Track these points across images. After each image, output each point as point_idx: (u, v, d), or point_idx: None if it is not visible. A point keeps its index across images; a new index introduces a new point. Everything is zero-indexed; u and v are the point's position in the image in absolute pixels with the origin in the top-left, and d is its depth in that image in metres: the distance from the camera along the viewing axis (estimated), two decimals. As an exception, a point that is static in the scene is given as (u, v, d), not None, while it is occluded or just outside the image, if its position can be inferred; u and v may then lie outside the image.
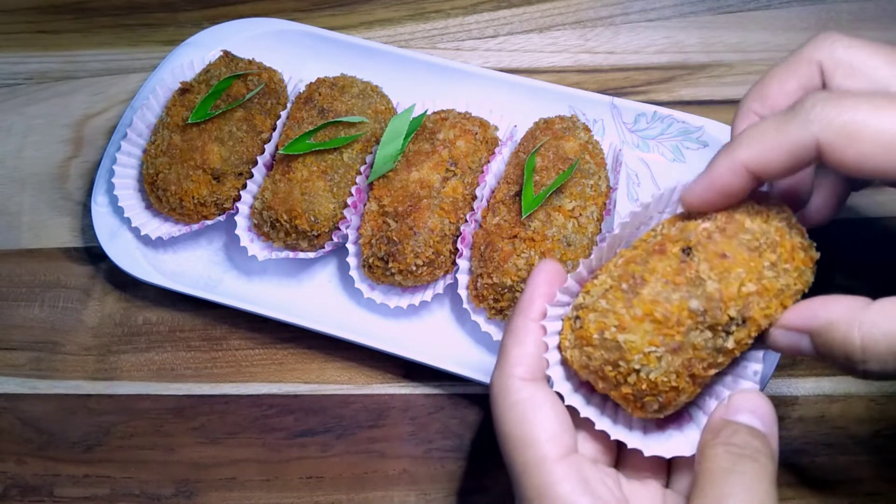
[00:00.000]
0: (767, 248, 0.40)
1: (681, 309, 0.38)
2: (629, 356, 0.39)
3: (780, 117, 0.39)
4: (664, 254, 0.40)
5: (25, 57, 0.74)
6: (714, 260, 0.39)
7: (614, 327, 0.39)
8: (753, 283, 0.39)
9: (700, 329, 0.38)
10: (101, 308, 0.64)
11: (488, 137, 0.60)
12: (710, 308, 0.38)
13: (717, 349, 0.39)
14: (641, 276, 0.40)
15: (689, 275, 0.39)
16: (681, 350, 0.38)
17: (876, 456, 0.53)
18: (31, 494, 0.59)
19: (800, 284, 0.40)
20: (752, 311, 0.39)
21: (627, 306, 0.39)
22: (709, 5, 0.67)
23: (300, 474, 0.57)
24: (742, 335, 0.39)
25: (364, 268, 0.57)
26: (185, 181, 0.59)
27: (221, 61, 0.63)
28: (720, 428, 0.39)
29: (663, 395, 0.39)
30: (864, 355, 0.36)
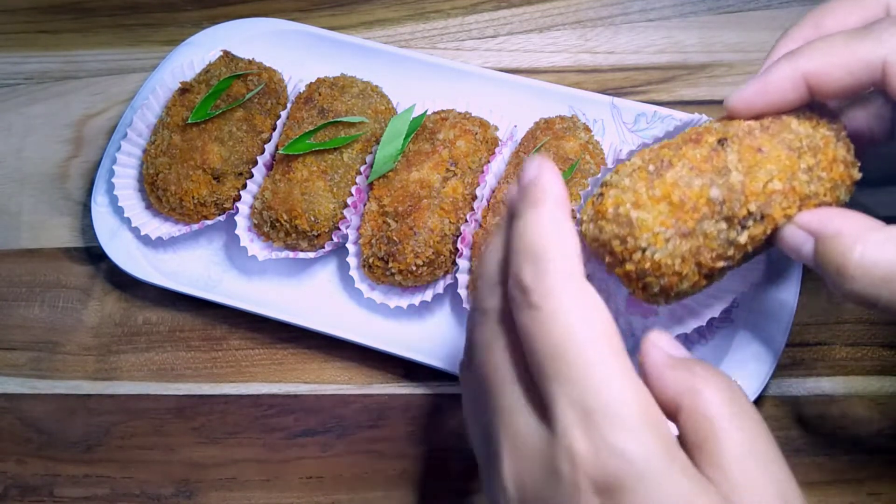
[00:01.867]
0: (808, 150, 0.38)
1: (700, 195, 0.38)
2: (637, 233, 0.38)
3: (850, 33, 0.38)
4: (699, 143, 0.39)
5: (25, 57, 0.74)
6: (746, 153, 0.38)
7: (630, 204, 0.38)
8: (782, 182, 0.38)
9: (715, 219, 0.38)
10: (101, 308, 0.64)
11: (488, 137, 0.60)
12: (730, 199, 0.38)
13: (730, 241, 0.38)
14: (669, 160, 0.39)
15: (716, 163, 0.38)
16: (691, 236, 0.38)
17: (876, 456, 0.53)
18: (31, 494, 0.59)
19: (829, 197, 0.39)
20: (772, 209, 0.38)
21: (648, 186, 0.38)
22: (709, 5, 0.67)
23: (300, 474, 0.57)
24: (757, 231, 0.38)
25: (364, 268, 0.57)
26: (185, 181, 0.59)
27: (221, 61, 0.63)
28: (686, 364, 0.34)
29: (665, 277, 0.38)
30: (855, 272, 0.35)
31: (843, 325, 0.57)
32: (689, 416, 0.33)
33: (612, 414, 0.30)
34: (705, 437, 0.32)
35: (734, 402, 0.33)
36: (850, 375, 0.55)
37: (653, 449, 0.30)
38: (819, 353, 0.56)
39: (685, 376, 0.34)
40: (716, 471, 0.32)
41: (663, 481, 0.30)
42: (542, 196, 0.35)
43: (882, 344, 0.56)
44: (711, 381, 0.33)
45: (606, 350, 0.31)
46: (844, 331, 0.56)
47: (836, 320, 0.57)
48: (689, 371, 0.34)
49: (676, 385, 0.34)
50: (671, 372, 0.34)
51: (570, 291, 0.32)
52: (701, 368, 0.34)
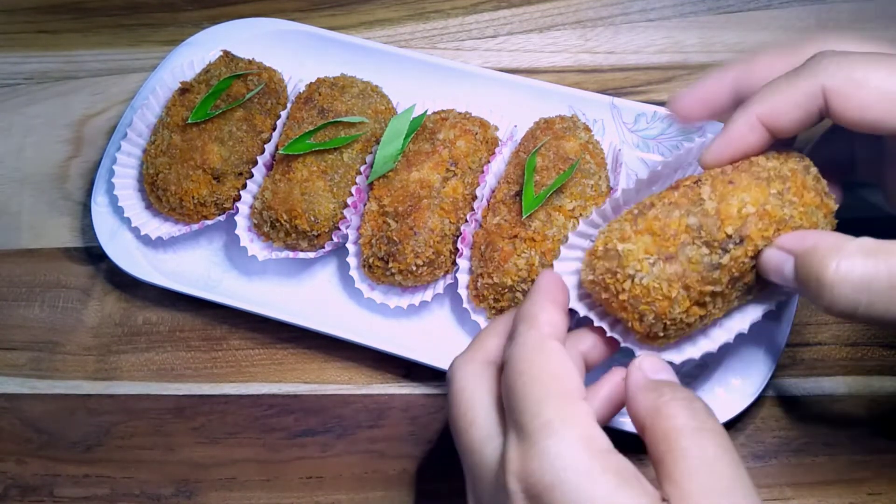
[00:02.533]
0: (776, 179, 0.41)
1: (678, 223, 0.41)
2: (625, 262, 0.41)
3: (790, 73, 0.42)
4: (677, 188, 0.43)
5: (25, 57, 0.74)
6: (719, 185, 0.42)
7: (616, 239, 0.42)
8: (755, 206, 0.41)
9: (696, 244, 0.41)
10: (101, 308, 0.64)
11: (488, 137, 0.60)
12: (707, 224, 0.41)
13: (713, 265, 0.41)
14: (651, 203, 0.43)
15: (691, 197, 0.42)
16: (674, 260, 0.41)
17: (876, 456, 0.53)
18: (31, 494, 0.59)
19: (806, 222, 0.41)
20: (749, 231, 0.40)
21: (633, 224, 0.42)
22: (709, 5, 0.67)
23: (300, 474, 0.57)
24: (738, 253, 0.41)
25: (364, 268, 0.57)
26: (185, 181, 0.59)
27: (221, 61, 0.63)
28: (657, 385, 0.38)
29: (656, 302, 0.41)
30: (832, 283, 0.37)
31: (842, 325, 0.57)
32: (652, 433, 0.36)
33: (544, 426, 0.35)
34: (664, 453, 0.35)
35: (694, 418, 0.35)
36: (850, 375, 0.55)
37: (576, 451, 0.34)
38: (819, 353, 0.56)
39: (652, 397, 0.37)
40: (671, 485, 0.34)
41: (584, 481, 0.33)
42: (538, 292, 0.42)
43: (882, 344, 0.56)
44: (673, 401, 0.36)
45: (550, 379, 0.37)
46: (844, 331, 0.56)
47: (836, 320, 0.57)
48: (656, 392, 0.37)
49: (645, 405, 0.37)
50: (642, 394, 0.38)
51: (531, 346, 0.38)
52: (668, 389, 0.37)
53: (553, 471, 0.34)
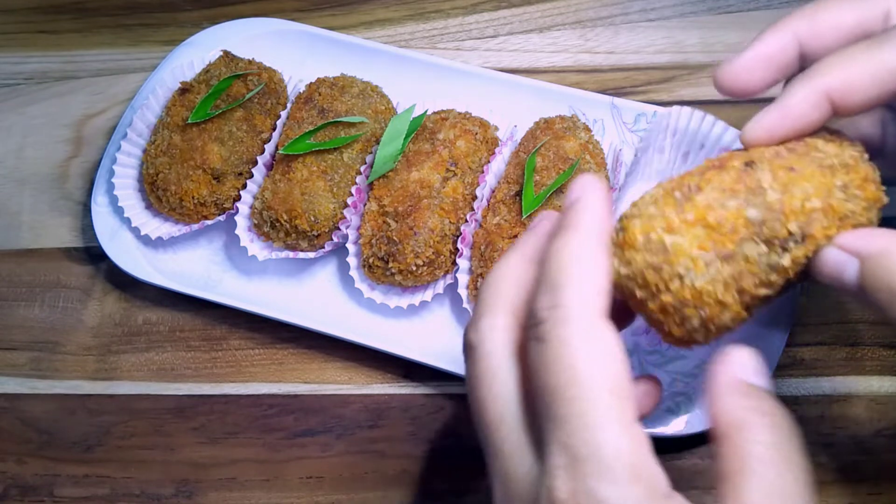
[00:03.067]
0: (840, 168, 0.36)
1: (737, 216, 0.35)
2: (675, 259, 0.34)
3: (868, 42, 0.36)
4: (724, 168, 0.36)
5: (25, 57, 0.74)
6: (779, 172, 0.36)
7: (661, 229, 0.35)
8: (820, 199, 0.35)
9: (755, 241, 0.35)
10: (101, 308, 0.64)
11: (488, 137, 0.60)
12: (769, 219, 0.35)
13: (771, 266, 0.35)
14: (697, 185, 0.36)
15: (749, 183, 0.35)
16: (732, 259, 0.35)
17: (877, 456, 0.53)
18: (31, 494, 0.59)
19: (864, 218, 0.37)
20: (813, 229, 0.35)
21: (679, 211, 0.35)
22: (709, 5, 0.67)
23: (300, 474, 0.57)
24: (799, 254, 0.36)
25: (364, 268, 0.57)
26: (185, 181, 0.59)
27: (221, 61, 0.63)
28: (748, 392, 0.33)
29: (707, 308, 0.35)
30: None
31: (842, 325, 0.57)
32: (727, 447, 0.32)
33: (598, 461, 0.30)
34: (735, 472, 0.31)
35: (778, 447, 0.32)
36: (850, 375, 0.55)
37: (633, 501, 0.29)
38: (819, 354, 0.56)
39: (740, 406, 0.32)
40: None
41: None
42: (578, 221, 0.33)
43: (882, 344, 0.56)
44: (760, 420, 0.32)
45: (607, 395, 0.30)
46: (844, 331, 0.56)
47: (836, 320, 0.57)
48: (746, 400, 0.33)
49: (729, 412, 0.32)
50: (730, 398, 0.33)
51: (581, 327, 0.31)
52: (758, 401, 0.33)
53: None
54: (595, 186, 0.35)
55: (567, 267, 0.33)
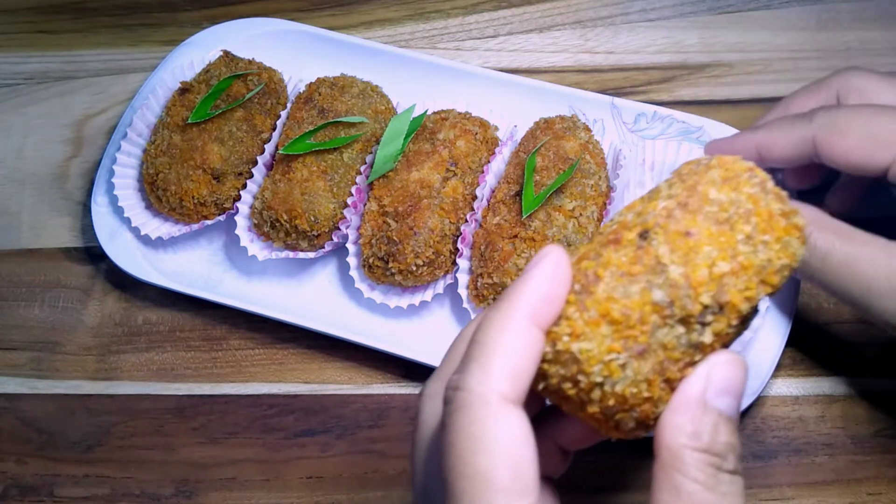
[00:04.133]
0: (739, 218, 0.33)
1: (643, 304, 0.32)
2: (587, 368, 0.32)
3: (795, 116, 0.50)
4: (619, 243, 0.34)
5: (25, 57, 0.74)
6: (676, 240, 0.33)
7: (567, 336, 0.32)
8: (726, 261, 0.32)
9: (669, 325, 0.32)
10: (101, 308, 0.64)
11: (488, 137, 0.60)
12: (678, 298, 0.32)
13: (693, 345, 0.33)
14: (595, 273, 0.33)
15: (647, 262, 0.33)
16: (648, 353, 0.32)
17: (876, 456, 0.53)
18: (31, 494, 0.59)
19: (785, 258, 0.34)
20: (728, 295, 0.32)
21: (581, 309, 0.33)
22: (709, 5, 0.67)
23: (300, 474, 0.57)
24: (721, 326, 0.33)
25: (364, 268, 0.57)
26: (185, 181, 0.59)
27: (221, 61, 0.63)
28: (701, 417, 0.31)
29: (637, 408, 0.32)
30: None
31: (843, 325, 0.56)
32: (661, 466, 0.31)
33: None
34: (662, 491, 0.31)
35: (712, 489, 0.31)
36: (851, 376, 0.55)
37: None
38: (819, 354, 0.56)
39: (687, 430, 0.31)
40: None
41: None
42: (510, 297, 0.32)
43: (882, 344, 0.56)
44: (699, 457, 0.31)
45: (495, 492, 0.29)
46: (844, 331, 0.56)
47: (837, 320, 0.57)
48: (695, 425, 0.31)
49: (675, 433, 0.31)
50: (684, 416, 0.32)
51: (478, 416, 0.30)
52: (711, 429, 0.31)
53: None
54: (547, 261, 0.33)
55: (482, 346, 0.31)
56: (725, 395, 0.32)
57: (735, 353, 0.33)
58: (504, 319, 0.32)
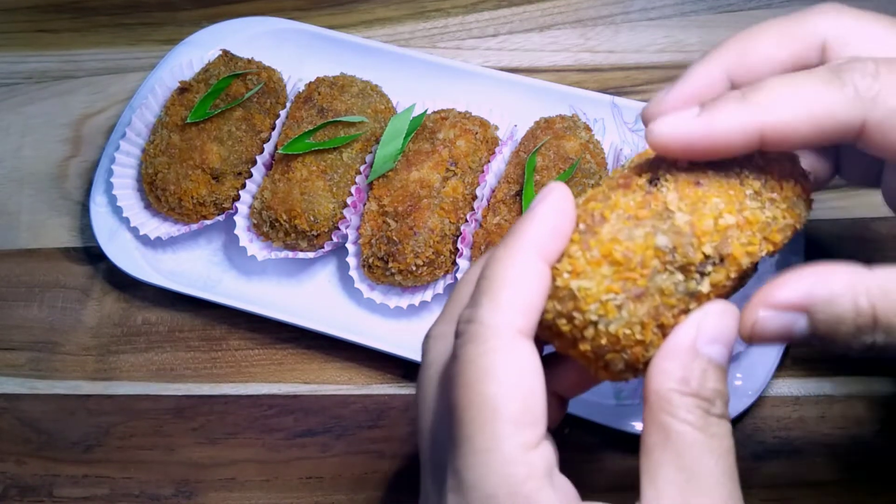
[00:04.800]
0: (750, 174, 0.34)
1: (645, 248, 0.32)
2: (584, 306, 0.32)
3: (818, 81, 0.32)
4: (628, 188, 0.34)
5: (24, 56, 0.74)
6: (685, 189, 0.33)
7: (567, 273, 0.33)
8: (733, 214, 0.33)
9: (669, 271, 0.33)
10: (100, 308, 0.64)
11: (489, 137, 0.60)
12: (681, 245, 0.32)
13: (690, 294, 0.33)
14: (601, 214, 0.33)
15: (655, 207, 0.33)
16: (645, 297, 0.32)
17: (877, 456, 0.53)
18: (31, 494, 0.59)
19: (790, 218, 0.34)
20: (730, 248, 0.33)
21: (584, 248, 0.33)
22: (710, 4, 0.67)
23: (300, 475, 0.57)
24: (720, 277, 0.33)
25: (364, 268, 0.57)
26: (184, 181, 0.59)
27: (220, 60, 0.63)
28: (691, 363, 0.31)
29: (628, 350, 0.33)
30: (876, 325, 0.31)
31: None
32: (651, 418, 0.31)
33: (482, 490, 0.29)
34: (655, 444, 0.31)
35: (703, 430, 0.31)
36: (851, 376, 0.55)
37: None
38: (820, 354, 0.56)
39: (676, 376, 0.31)
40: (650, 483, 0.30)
41: None
42: (518, 233, 0.32)
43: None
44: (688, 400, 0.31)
45: (504, 422, 0.29)
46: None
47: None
48: (684, 371, 0.31)
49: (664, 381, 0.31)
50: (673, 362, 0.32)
51: (491, 347, 0.30)
52: (700, 374, 0.31)
53: None
54: (553, 196, 0.33)
55: (492, 281, 0.32)
56: (716, 343, 0.32)
57: (728, 303, 0.33)
58: (513, 254, 0.32)
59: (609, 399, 0.54)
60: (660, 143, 0.33)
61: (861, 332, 0.32)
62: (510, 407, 0.30)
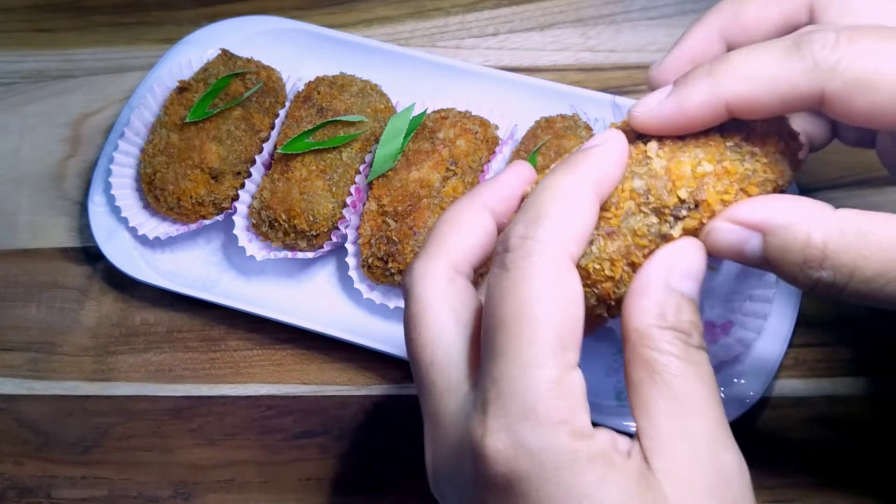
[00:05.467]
0: (734, 129, 0.35)
1: (621, 189, 0.34)
2: None
3: (779, 51, 0.33)
4: None
5: (22, 55, 0.73)
6: (667, 139, 0.35)
7: None
8: (711, 163, 0.34)
9: (644, 213, 0.34)
10: (99, 308, 0.63)
11: (489, 136, 0.59)
12: (655, 188, 0.34)
13: (662, 236, 0.34)
14: None
15: (636, 155, 0.34)
16: (616, 235, 0.34)
17: (878, 457, 0.53)
18: (28, 496, 0.59)
19: (772, 174, 0.35)
20: (705, 194, 0.34)
21: None
22: (710, 3, 0.67)
23: (299, 476, 0.57)
24: (693, 223, 0.34)
25: (363, 268, 0.57)
26: (183, 180, 0.59)
27: (220, 60, 0.63)
28: (666, 298, 0.32)
29: (599, 285, 0.34)
30: (823, 261, 0.32)
31: (845, 325, 0.56)
32: (633, 353, 0.32)
33: (522, 401, 0.30)
34: (641, 381, 0.32)
35: (685, 360, 0.32)
36: (854, 376, 0.55)
37: (561, 442, 0.29)
38: (822, 354, 0.56)
39: (653, 312, 0.32)
40: (645, 418, 0.31)
41: (568, 476, 0.29)
42: (579, 164, 0.33)
43: (884, 345, 0.56)
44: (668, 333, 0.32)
45: (551, 339, 0.30)
46: (847, 332, 0.56)
47: (839, 321, 0.56)
48: (660, 308, 0.32)
49: (641, 316, 0.32)
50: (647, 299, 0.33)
51: (547, 265, 0.31)
52: (675, 309, 0.32)
53: (531, 462, 0.29)
54: (615, 141, 0.34)
55: (552, 203, 0.32)
56: (686, 278, 0.33)
57: (695, 240, 0.34)
58: (575, 185, 0.32)
59: (609, 400, 0.54)
60: (639, 124, 0.35)
61: (808, 265, 0.32)
62: (557, 329, 0.30)
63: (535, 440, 0.29)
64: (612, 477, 0.29)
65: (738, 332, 0.52)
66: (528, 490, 0.29)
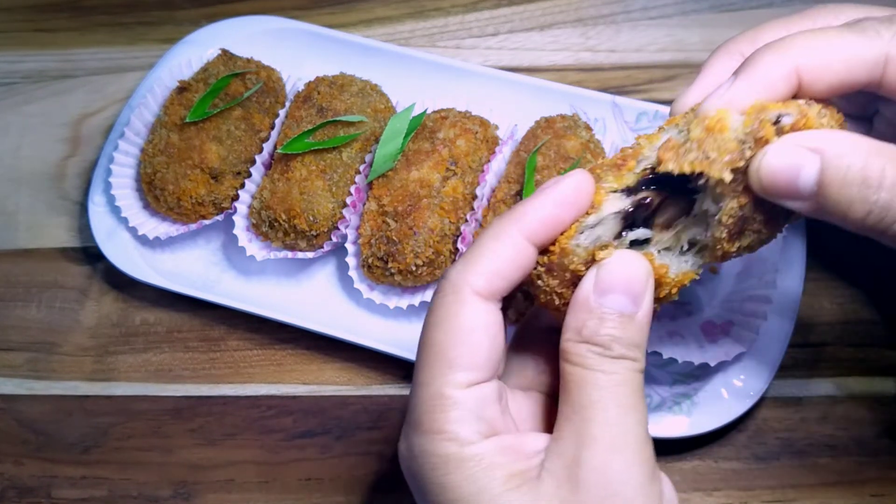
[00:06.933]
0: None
1: (568, 237, 0.36)
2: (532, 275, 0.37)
3: (843, 28, 0.35)
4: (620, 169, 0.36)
5: (23, 56, 0.73)
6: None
7: None
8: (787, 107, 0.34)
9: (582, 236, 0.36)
10: (99, 308, 0.63)
11: (489, 136, 0.59)
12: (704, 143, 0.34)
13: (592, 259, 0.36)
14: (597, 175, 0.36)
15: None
16: (555, 270, 0.36)
17: (879, 457, 0.53)
18: (29, 496, 0.59)
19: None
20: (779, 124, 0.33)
21: None
22: (711, 3, 0.67)
23: (299, 476, 0.57)
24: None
25: (363, 268, 0.57)
26: (183, 180, 0.59)
27: (220, 60, 0.63)
28: (586, 315, 0.34)
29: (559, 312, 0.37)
30: (882, 180, 0.32)
31: (845, 325, 0.56)
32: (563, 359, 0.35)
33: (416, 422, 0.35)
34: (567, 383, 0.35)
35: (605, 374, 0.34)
36: (853, 376, 0.55)
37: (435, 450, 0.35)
38: (822, 354, 0.56)
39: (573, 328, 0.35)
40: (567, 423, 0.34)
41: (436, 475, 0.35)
42: (518, 208, 0.36)
43: (884, 344, 0.56)
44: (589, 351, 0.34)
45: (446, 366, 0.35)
46: (847, 332, 0.56)
47: (839, 321, 0.56)
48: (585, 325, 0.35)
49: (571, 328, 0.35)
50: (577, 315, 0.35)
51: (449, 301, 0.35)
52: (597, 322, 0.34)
53: (416, 463, 0.35)
54: (563, 184, 0.35)
55: (472, 246, 0.36)
56: (611, 292, 0.34)
57: (631, 252, 0.35)
58: (499, 228, 0.36)
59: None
60: (711, 111, 0.34)
61: (867, 185, 0.32)
62: (450, 352, 0.34)
63: (417, 445, 0.35)
64: (478, 475, 0.33)
65: (738, 332, 0.52)
66: (417, 486, 0.36)
